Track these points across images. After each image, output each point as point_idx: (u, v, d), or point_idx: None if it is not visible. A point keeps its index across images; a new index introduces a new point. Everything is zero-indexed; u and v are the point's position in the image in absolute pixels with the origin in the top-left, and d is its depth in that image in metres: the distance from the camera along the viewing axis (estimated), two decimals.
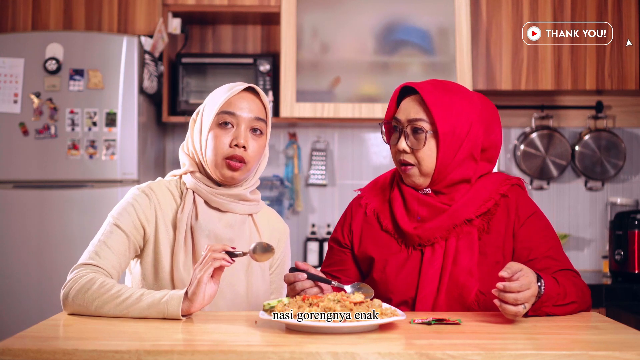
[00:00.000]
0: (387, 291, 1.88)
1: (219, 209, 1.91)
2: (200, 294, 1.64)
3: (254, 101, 1.91)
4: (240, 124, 1.88)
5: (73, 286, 1.73)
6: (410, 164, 1.87)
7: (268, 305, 1.63)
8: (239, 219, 1.94)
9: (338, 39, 3.68)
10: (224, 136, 1.87)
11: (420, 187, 1.89)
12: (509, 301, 1.60)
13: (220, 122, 1.87)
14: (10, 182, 3.36)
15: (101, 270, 1.79)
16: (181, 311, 1.64)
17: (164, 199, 1.91)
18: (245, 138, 1.88)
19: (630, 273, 3.55)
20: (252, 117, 1.89)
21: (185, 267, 1.85)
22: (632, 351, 1.37)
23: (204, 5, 3.71)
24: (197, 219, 1.88)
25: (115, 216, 1.87)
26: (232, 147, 1.87)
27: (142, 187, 1.92)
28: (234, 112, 1.88)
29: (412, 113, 1.87)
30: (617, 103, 4.02)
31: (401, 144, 1.87)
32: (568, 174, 4.03)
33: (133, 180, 3.34)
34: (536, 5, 3.73)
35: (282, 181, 3.94)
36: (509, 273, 1.61)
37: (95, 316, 1.69)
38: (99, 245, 1.83)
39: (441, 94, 1.86)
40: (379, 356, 1.35)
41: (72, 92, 3.36)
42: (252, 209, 1.97)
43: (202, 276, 1.64)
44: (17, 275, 3.32)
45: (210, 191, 1.90)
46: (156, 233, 1.88)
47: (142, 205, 1.88)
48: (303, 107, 3.62)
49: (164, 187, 1.94)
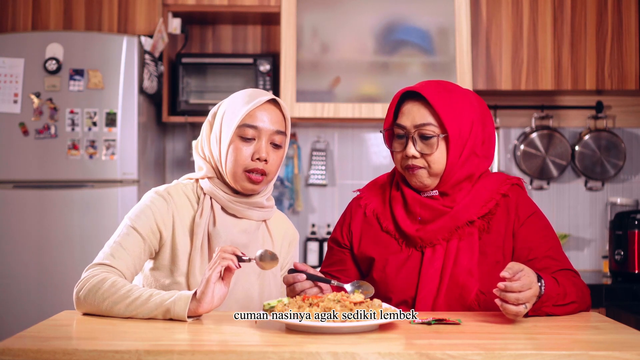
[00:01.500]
0: (387, 291, 1.88)
1: (235, 215, 1.92)
2: (208, 294, 1.63)
3: (276, 113, 1.90)
4: (262, 137, 1.87)
5: (85, 285, 1.72)
6: (420, 167, 1.87)
7: (268, 305, 1.63)
8: (253, 224, 1.94)
9: (338, 39, 3.68)
10: (245, 149, 1.86)
11: (427, 188, 1.89)
12: (511, 301, 1.60)
13: (242, 135, 1.86)
14: (10, 182, 3.37)
15: (115, 271, 1.78)
16: (188, 312, 1.63)
17: (181, 204, 1.91)
18: (267, 151, 1.87)
19: (630, 273, 3.55)
20: (274, 130, 1.88)
21: (201, 272, 1.85)
22: (632, 351, 1.37)
23: (204, 5, 3.71)
24: (215, 226, 1.88)
25: (133, 218, 1.86)
26: (254, 161, 1.86)
27: (159, 190, 1.92)
28: (257, 125, 1.86)
29: (417, 118, 1.86)
30: (617, 103, 4.02)
31: (410, 150, 1.86)
32: (568, 174, 4.03)
33: (133, 180, 3.34)
34: (536, 5, 3.73)
35: (282, 181, 3.94)
36: (511, 273, 1.61)
37: (105, 316, 1.69)
38: (115, 247, 1.82)
39: (444, 95, 1.86)
40: (379, 356, 1.35)
41: (72, 92, 3.36)
42: (267, 214, 1.97)
43: (210, 275, 1.63)
44: (17, 275, 3.32)
45: (228, 198, 1.90)
46: (173, 237, 1.87)
47: (161, 209, 1.87)
48: (303, 107, 3.62)
49: (181, 191, 1.93)
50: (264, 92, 1.92)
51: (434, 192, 1.89)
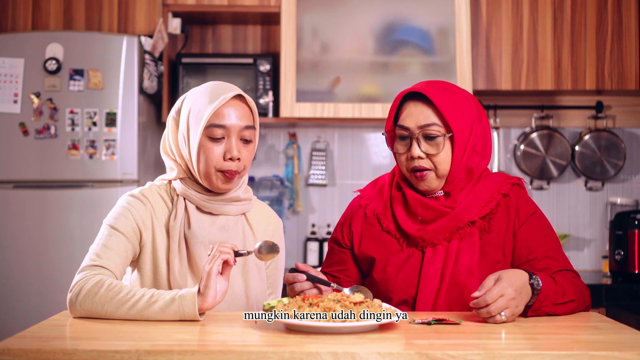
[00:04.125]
0: (388, 291, 1.88)
1: (211, 212, 1.89)
2: (212, 288, 1.62)
3: (242, 107, 1.86)
4: (231, 135, 1.83)
5: (80, 290, 1.68)
6: (427, 169, 1.86)
7: (268, 305, 1.63)
8: (231, 220, 1.91)
9: (338, 39, 3.68)
10: (216, 149, 1.82)
11: (434, 190, 1.89)
12: (483, 316, 1.63)
13: (211, 136, 1.82)
14: (10, 182, 3.37)
15: (106, 271, 1.76)
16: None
17: (157, 205, 1.89)
18: (238, 148, 1.84)
19: (630, 273, 3.55)
20: (243, 126, 1.84)
21: (180, 274, 1.83)
22: (632, 351, 1.37)
23: (204, 5, 3.71)
24: (190, 228, 1.85)
25: (112, 221, 1.84)
26: (227, 161, 1.83)
27: (134, 193, 1.89)
28: (224, 124, 1.82)
29: (421, 119, 1.85)
30: (617, 103, 4.02)
31: (415, 151, 1.85)
32: (568, 174, 4.02)
33: (133, 180, 3.34)
34: (536, 5, 3.73)
35: (282, 181, 3.94)
36: (482, 292, 1.63)
37: (104, 319, 1.67)
38: (99, 248, 1.80)
39: (447, 95, 1.86)
40: (379, 356, 1.35)
41: (72, 92, 3.36)
42: (245, 207, 1.94)
43: (211, 268, 1.63)
44: (17, 275, 3.32)
45: (202, 198, 1.87)
46: (153, 239, 1.86)
47: (139, 210, 1.85)
48: (303, 107, 3.62)
49: (155, 192, 1.91)
50: (227, 85, 1.87)
51: (439, 193, 1.90)
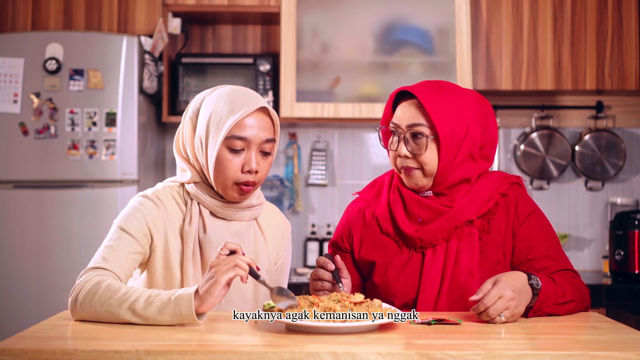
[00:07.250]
0: (389, 294, 1.88)
1: (224, 218, 1.88)
2: (215, 294, 1.58)
3: (264, 119, 1.81)
4: (252, 147, 1.80)
5: (80, 292, 1.66)
6: (413, 167, 1.86)
7: (268, 305, 1.63)
8: (244, 225, 1.91)
9: (338, 39, 3.68)
10: (234, 160, 1.79)
11: (423, 188, 1.89)
12: (483, 319, 1.64)
13: (230, 147, 1.79)
14: (10, 182, 3.36)
15: (109, 274, 1.73)
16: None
17: (171, 208, 1.86)
18: (257, 161, 1.81)
19: (630, 273, 3.55)
20: (264, 139, 1.80)
21: (194, 279, 1.82)
22: (632, 351, 1.37)
23: (204, 5, 3.71)
24: (206, 232, 1.84)
25: (122, 221, 1.81)
26: (244, 173, 1.80)
27: (147, 194, 1.86)
28: (245, 136, 1.78)
29: (410, 118, 1.85)
30: (617, 103, 4.02)
31: (402, 150, 1.86)
32: (568, 174, 4.02)
33: (133, 180, 3.34)
34: (536, 5, 3.72)
35: (282, 181, 3.94)
36: (480, 296, 1.64)
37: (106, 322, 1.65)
38: (107, 250, 1.77)
39: (438, 96, 1.84)
40: (379, 356, 1.35)
41: (72, 92, 3.36)
42: (257, 212, 1.93)
43: (221, 278, 1.59)
44: (17, 275, 3.32)
45: (217, 204, 1.86)
46: (166, 243, 1.83)
47: (151, 212, 1.83)
48: (303, 107, 3.62)
49: (168, 195, 1.88)
50: (251, 95, 1.83)
51: (428, 193, 1.89)
